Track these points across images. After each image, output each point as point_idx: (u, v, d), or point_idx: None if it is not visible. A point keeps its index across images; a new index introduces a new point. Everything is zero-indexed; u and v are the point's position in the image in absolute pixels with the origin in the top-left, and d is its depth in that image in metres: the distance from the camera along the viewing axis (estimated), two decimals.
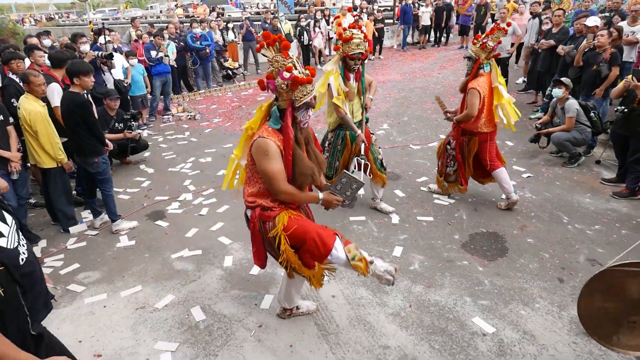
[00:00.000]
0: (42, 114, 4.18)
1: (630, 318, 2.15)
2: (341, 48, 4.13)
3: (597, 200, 4.82)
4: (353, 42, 4.04)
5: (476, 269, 3.72)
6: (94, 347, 3.05)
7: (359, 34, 4.08)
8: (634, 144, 4.70)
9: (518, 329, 3.05)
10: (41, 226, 4.82)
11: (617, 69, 5.79)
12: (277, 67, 2.39)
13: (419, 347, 2.92)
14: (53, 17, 41.46)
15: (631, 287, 2.10)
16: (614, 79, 5.83)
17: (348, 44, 4.06)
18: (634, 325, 2.14)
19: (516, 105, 4.73)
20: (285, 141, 2.45)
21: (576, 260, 3.79)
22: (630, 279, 2.07)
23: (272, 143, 2.40)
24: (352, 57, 4.08)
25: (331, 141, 4.46)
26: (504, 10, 9.48)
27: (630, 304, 2.14)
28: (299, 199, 2.60)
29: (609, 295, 2.15)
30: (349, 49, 4.05)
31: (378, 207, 4.73)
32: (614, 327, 2.20)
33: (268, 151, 2.39)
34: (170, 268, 3.93)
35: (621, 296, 2.12)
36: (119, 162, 6.46)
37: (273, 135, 2.44)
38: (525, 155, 6.13)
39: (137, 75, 7.96)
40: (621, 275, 2.08)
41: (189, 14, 23.10)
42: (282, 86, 2.38)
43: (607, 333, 2.22)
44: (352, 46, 4.04)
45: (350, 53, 4.06)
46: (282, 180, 2.46)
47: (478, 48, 4.29)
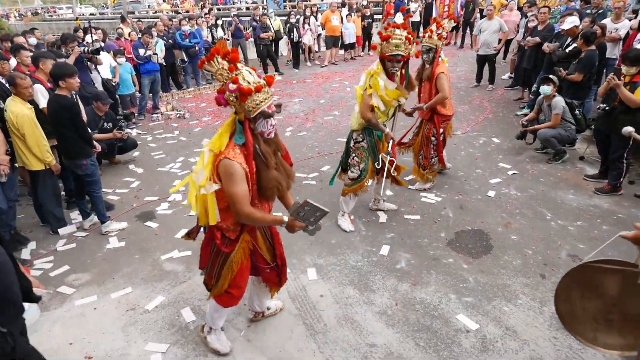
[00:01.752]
0: (29, 117, 4.17)
1: (608, 316, 2.16)
2: (378, 47, 3.88)
3: (580, 197, 4.93)
4: (391, 42, 3.77)
5: (461, 267, 3.80)
6: (85, 349, 3.09)
7: (401, 34, 3.78)
8: (616, 141, 4.81)
9: (501, 325, 3.14)
10: (30, 228, 4.82)
11: (581, 75, 5.92)
12: (223, 80, 2.30)
13: (404, 344, 3.00)
14: (39, 12, 40.77)
15: (608, 284, 2.11)
16: (577, 80, 5.95)
17: (386, 43, 3.80)
18: (611, 324, 2.16)
19: (503, 101, 4.91)
20: (247, 155, 2.38)
21: (558, 256, 3.89)
22: (607, 276, 2.08)
23: (237, 165, 2.33)
24: (389, 59, 3.82)
25: (358, 140, 4.23)
26: (491, 7, 9.56)
27: (607, 301, 2.15)
28: (262, 221, 2.56)
29: (586, 292, 2.16)
30: (386, 49, 3.80)
31: (381, 207, 4.73)
32: (591, 325, 2.20)
33: (233, 174, 2.33)
34: (161, 269, 3.96)
35: (598, 293, 2.14)
36: (108, 162, 6.45)
37: (239, 156, 2.36)
38: (511, 152, 6.23)
39: (125, 74, 7.94)
40: (597, 271, 2.10)
41: (177, 9, 22.89)
42: (231, 99, 2.30)
43: (585, 330, 2.23)
44: (390, 46, 3.78)
45: (387, 54, 3.80)
46: (244, 203, 2.39)
47: (436, 39, 4.67)
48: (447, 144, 5.36)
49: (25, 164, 4.34)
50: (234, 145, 2.39)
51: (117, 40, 9.38)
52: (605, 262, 2.05)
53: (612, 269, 2.03)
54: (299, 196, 5.14)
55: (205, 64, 2.32)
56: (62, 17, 32.37)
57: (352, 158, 4.29)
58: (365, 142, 4.20)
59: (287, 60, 13.73)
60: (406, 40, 3.79)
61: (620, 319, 2.12)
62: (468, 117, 7.87)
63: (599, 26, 6.75)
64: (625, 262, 2.00)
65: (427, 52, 4.74)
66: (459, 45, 14.77)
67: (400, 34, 3.79)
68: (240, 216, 2.45)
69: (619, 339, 2.13)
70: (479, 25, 9.55)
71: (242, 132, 2.38)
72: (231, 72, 2.29)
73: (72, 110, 4.10)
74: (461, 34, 14.79)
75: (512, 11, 10.22)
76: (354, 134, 4.27)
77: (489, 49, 9.13)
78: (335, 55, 13.65)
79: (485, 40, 9.08)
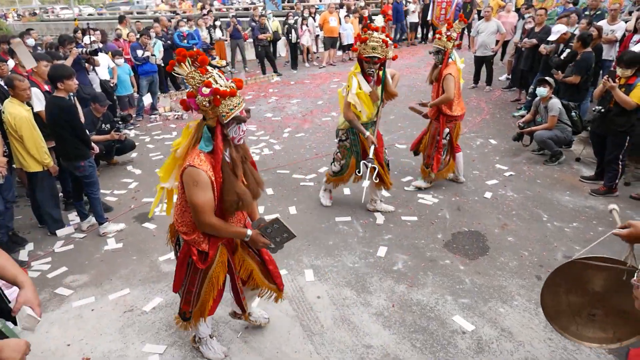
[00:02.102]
0: (27, 119, 4.18)
1: (591, 311, 2.24)
2: (358, 49, 4.07)
3: (576, 198, 4.96)
4: (369, 44, 3.95)
5: (458, 268, 3.82)
6: (83, 350, 3.10)
7: (379, 37, 3.95)
8: (611, 142, 4.84)
9: (496, 326, 3.16)
10: (28, 229, 4.82)
11: (578, 77, 5.95)
12: (195, 84, 2.21)
13: (400, 345, 3.02)
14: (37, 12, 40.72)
15: (595, 281, 2.18)
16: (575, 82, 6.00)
17: (364, 45, 3.98)
18: (594, 318, 2.23)
19: (500, 102, 4.94)
20: (215, 163, 2.29)
21: (554, 257, 3.91)
22: (594, 273, 2.15)
23: (203, 173, 2.25)
24: (366, 60, 4.01)
25: (342, 139, 4.48)
26: (488, 8, 9.59)
27: (592, 297, 2.22)
28: (225, 233, 2.48)
29: (573, 288, 2.24)
30: (363, 51, 3.99)
31: (378, 208, 4.76)
32: (573, 318, 2.28)
33: (197, 182, 2.24)
34: (158, 271, 3.98)
35: (584, 289, 2.21)
36: (106, 164, 6.45)
37: (204, 163, 2.27)
38: (508, 154, 6.26)
39: (123, 74, 7.95)
40: (586, 268, 2.16)
41: (175, 9, 22.89)
42: (204, 103, 2.21)
43: (569, 324, 2.31)
44: (368, 48, 3.96)
45: (365, 55, 3.99)
46: (207, 213, 2.32)
47: (445, 41, 4.77)
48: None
49: (23, 165, 4.35)
50: (198, 152, 2.30)
51: (115, 41, 9.38)
52: (596, 259, 2.12)
53: (601, 266, 2.09)
54: (296, 197, 5.17)
55: (175, 66, 2.23)
56: (61, 18, 32.32)
57: (336, 153, 4.59)
58: (349, 141, 4.43)
59: (285, 61, 13.75)
60: (383, 43, 3.94)
61: (603, 314, 2.21)
62: (465, 118, 7.80)
63: (595, 28, 6.78)
64: (615, 260, 2.07)
65: (437, 54, 4.86)
66: (457, 46, 14.79)
67: (377, 36, 3.94)
68: (203, 226, 2.37)
69: (600, 333, 2.24)
70: (476, 27, 9.58)
71: (210, 139, 2.29)
72: (202, 75, 2.21)
73: (70, 112, 4.12)
74: (459, 35, 14.81)
75: (510, 13, 10.24)
76: (339, 132, 4.50)
77: (487, 50, 9.17)
78: (334, 56, 13.68)
79: (482, 42, 9.12)
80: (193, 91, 2.23)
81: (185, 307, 2.72)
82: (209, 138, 2.30)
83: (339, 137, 4.52)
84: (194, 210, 2.33)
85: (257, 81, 11.68)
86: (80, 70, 6.48)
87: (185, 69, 2.23)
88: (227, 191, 2.34)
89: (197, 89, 2.21)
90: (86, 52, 6.81)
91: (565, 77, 6.08)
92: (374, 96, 4.19)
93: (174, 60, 2.23)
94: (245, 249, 2.77)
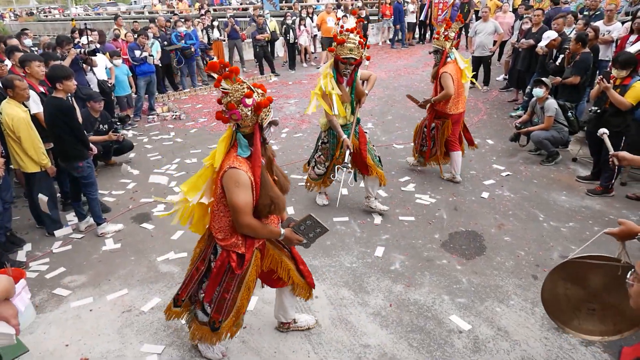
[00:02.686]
0: (25, 120, 4.18)
1: (590, 305, 2.33)
2: (335, 50, 4.11)
3: (572, 198, 4.99)
4: (346, 45, 4.02)
5: (455, 268, 3.84)
6: (81, 350, 3.11)
7: (355, 38, 4.03)
8: None
9: (493, 325, 3.18)
10: (26, 229, 4.82)
11: (577, 78, 5.99)
12: (238, 97, 2.28)
13: (398, 345, 3.04)
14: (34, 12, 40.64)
15: (592, 278, 2.27)
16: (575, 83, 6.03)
17: (341, 46, 4.04)
18: (593, 313, 2.32)
19: (498, 103, 5.00)
20: (254, 167, 2.37)
21: (550, 257, 3.94)
22: (592, 270, 2.23)
23: (243, 173, 2.33)
24: (342, 61, 4.07)
25: (324, 141, 4.55)
26: (486, 9, 9.62)
27: (590, 293, 2.32)
28: (262, 233, 2.52)
29: (571, 284, 2.34)
30: (341, 52, 4.05)
31: (372, 206, 4.72)
32: (574, 313, 2.39)
33: (239, 182, 2.31)
34: (156, 271, 3.99)
35: (583, 285, 2.30)
36: (104, 164, 6.46)
37: (244, 165, 2.36)
38: (504, 154, 6.29)
39: (121, 75, 7.95)
40: (583, 266, 2.25)
41: (172, 10, 22.88)
42: (246, 113, 2.30)
43: (568, 318, 2.41)
44: (345, 50, 4.03)
45: (342, 56, 4.05)
46: (248, 214, 2.38)
47: (442, 41, 4.97)
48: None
49: (21, 166, 4.35)
50: (235, 157, 2.38)
51: (113, 41, 9.38)
52: (591, 257, 2.22)
53: (596, 264, 2.19)
54: (294, 197, 5.18)
55: (222, 82, 2.30)
56: (58, 18, 32.26)
57: (318, 155, 4.64)
58: (329, 143, 4.52)
59: (283, 62, 13.76)
60: (359, 44, 4.03)
61: (601, 308, 2.32)
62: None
63: (591, 28, 6.81)
64: (609, 257, 2.17)
65: (435, 53, 5.09)
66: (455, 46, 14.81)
67: (354, 38, 4.02)
68: (243, 227, 2.42)
69: (600, 325, 2.37)
70: (474, 27, 9.62)
71: (247, 145, 2.38)
72: (241, 86, 2.30)
73: (69, 113, 4.12)
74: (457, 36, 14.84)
75: (506, 13, 10.29)
76: (322, 133, 4.58)
77: (484, 51, 9.21)
78: None
79: (480, 42, 9.16)
80: (234, 103, 2.29)
81: (216, 315, 2.67)
82: (247, 144, 2.39)
83: (322, 139, 4.58)
84: (235, 211, 2.38)
85: (255, 81, 11.66)
86: (77, 71, 6.48)
87: (230, 82, 2.31)
88: (263, 195, 2.41)
89: (240, 100, 2.28)
90: (84, 53, 6.82)
91: (565, 79, 6.11)
92: (345, 97, 4.23)
93: (221, 76, 2.30)
94: (281, 249, 2.81)
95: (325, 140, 4.54)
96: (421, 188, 5.34)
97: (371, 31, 16.01)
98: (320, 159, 4.62)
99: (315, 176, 4.71)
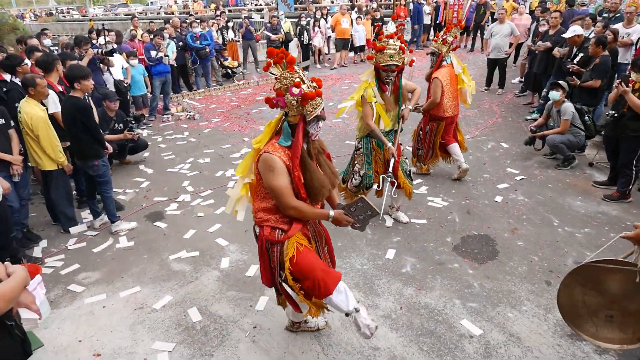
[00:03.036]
0: (43, 119, 4.27)
1: (608, 312, 2.27)
2: (374, 57, 3.94)
3: (588, 203, 4.91)
4: (386, 52, 3.83)
5: (466, 272, 3.81)
6: (94, 346, 3.15)
7: (395, 44, 3.85)
8: (624, 147, 4.78)
9: (504, 331, 3.14)
10: (42, 226, 4.91)
11: (598, 81, 5.88)
12: (286, 84, 2.34)
13: (408, 348, 3.02)
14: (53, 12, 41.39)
15: (609, 282, 2.21)
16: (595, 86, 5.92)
17: (381, 54, 3.87)
18: (611, 320, 2.26)
19: (513, 106, 4.95)
20: (293, 157, 2.40)
21: (564, 263, 3.88)
22: (608, 275, 2.18)
23: (277, 159, 2.37)
24: (383, 69, 3.89)
25: (358, 147, 4.35)
26: (502, 10, 9.52)
27: (608, 298, 2.25)
28: (308, 214, 2.54)
29: (588, 290, 2.28)
30: (381, 60, 3.88)
31: (393, 216, 4.65)
32: (592, 319, 2.32)
33: (274, 167, 2.36)
34: (168, 269, 4.03)
35: (600, 290, 2.24)
36: (119, 162, 6.55)
37: (279, 150, 2.40)
38: (519, 158, 6.21)
39: (137, 75, 8.05)
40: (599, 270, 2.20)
41: (188, 10, 23.11)
42: (292, 102, 2.34)
43: (586, 324, 2.34)
44: (385, 57, 3.85)
45: (382, 64, 3.88)
46: (289, 196, 2.42)
47: (439, 44, 5.00)
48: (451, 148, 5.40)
49: (38, 164, 4.44)
50: (273, 143, 2.43)
51: (130, 41, 9.51)
52: (607, 262, 2.17)
53: (613, 268, 2.14)
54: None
55: (271, 67, 2.36)
56: (76, 18, 32.81)
57: (353, 165, 4.39)
58: (363, 149, 4.28)
59: (296, 63, 13.78)
60: (400, 49, 3.84)
61: (620, 315, 2.25)
62: (477, 121, 7.86)
63: (610, 31, 6.69)
64: (626, 262, 2.11)
65: (432, 55, 5.17)
66: (470, 48, 14.71)
67: (394, 43, 3.85)
68: (287, 209, 2.46)
69: (619, 333, 2.29)
70: (490, 29, 9.52)
71: (289, 134, 2.42)
72: (292, 74, 2.34)
73: (86, 112, 4.20)
74: (472, 38, 14.73)
75: (522, 15, 10.17)
76: (356, 141, 4.40)
77: (500, 53, 9.11)
78: (345, 57, 13.69)
79: (496, 44, 9.06)
80: (282, 90, 2.35)
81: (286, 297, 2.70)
82: (289, 134, 2.43)
83: (356, 147, 4.38)
84: (275, 194, 2.43)
85: (268, 82, 11.74)
86: (94, 71, 6.59)
87: (280, 69, 2.36)
88: (312, 180, 2.47)
89: (288, 88, 2.33)
90: (101, 53, 6.92)
91: (584, 82, 6.00)
92: (390, 105, 4.07)
93: (270, 61, 2.36)
94: (320, 244, 2.83)
95: (359, 146, 4.32)
96: (433, 191, 5.30)
97: (386, 33, 15.92)
98: (356, 168, 4.34)
99: (354, 189, 4.38)
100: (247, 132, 7.83)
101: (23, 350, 1.80)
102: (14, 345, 1.73)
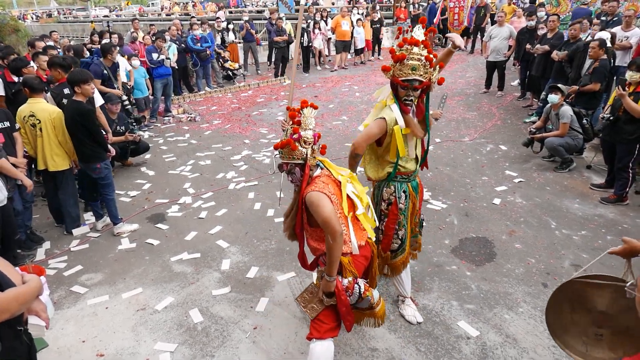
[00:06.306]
0: (60, 113, 4.42)
1: (598, 330, 2.20)
2: (391, 69, 2.86)
3: (585, 206, 4.95)
4: (407, 63, 2.77)
5: (464, 274, 3.86)
6: (97, 347, 3.21)
7: (420, 53, 2.76)
8: (620, 150, 4.83)
9: (501, 332, 3.19)
10: (45, 228, 4.97)
11: (597, 85, 5.93)
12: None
13: (405, 349, 3.07)
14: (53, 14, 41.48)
15: (596, 300, 2.13)
16: (595, 90, 5.98)
17: (400, 65, 2.80)
18: (601, 338, 2.19)
19: (512, 108, 4.94)
20: None
21: (561, 265, 3.93)
22: (595, 291, 2.11)
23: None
24: (402, 85, 2.80)
25: (390, 200, 3.08)
26: (502, 13, 9.58)
27: (596, 316, 2.18)
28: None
29: (576, 306, 2.20)
30: (400, 73, 2.81)
31: (401, 312, 3.42)
32: (581, 338, 2.23)
33: None
34: (170, 271, 4.08)
35: (588, 308, 2.17)
36: (120, 165, 6.60)
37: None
38: (518, 160, 6.26)
39: (139, 77, 8.12)
40: (586, 286, 2.12)
41: (188, 12, 23.17)
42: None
43: (575, 343, 2.25)
44: (405, 69, 2.78)
45: (401, 78, 2.80)
46: None
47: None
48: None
49: (50, 165, 4.49)
50: None
51: (131, 44, 9.58)
52: (593, 277, 2.07)
53: (600, 284, 2.05)
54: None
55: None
56: (77, 19, 32.88)
57: (385, 226, 3.14)
58: (397, 196, 3.07)
59: (297, 64, 13.83)
60: (427, 61, 2.78)
61: (610, 334, 2.13)
62: (476, 123, 7.91)
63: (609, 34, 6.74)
64: (613, 277, 2.01)
65: None
66: (469, 50, 14.77)
67: (418, 52, 2.77)
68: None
69: (608, 353, 2.14)
70: (489, 32, 9.58)
71: None
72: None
73: (88, 116, 4.25)
74: (472, 40, 14.78)
75: (521, 18, 10.20)
76: (383, 191, 3.10)
77: (499, 56, 9.17)
78: (345, 59, 13.74)
79: (495, 47, 9.13)
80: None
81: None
82: None
83: (385, 200, 3.10)
84: None
85: (269, 84, 11.80)
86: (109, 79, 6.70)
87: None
88: None
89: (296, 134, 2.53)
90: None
91: (584, 86, 6.04)
92: (417, 131, 2.96)
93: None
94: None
95: (392, 198, 3.07)
96: (432, 193, 5.35)
97: (386, 34, 16.01)
98: (390, 230, 3.13)
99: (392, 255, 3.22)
100: (248, 134, 7.88)
101: (29, 357, 1.86)
102: (22, 348, 1.79)
